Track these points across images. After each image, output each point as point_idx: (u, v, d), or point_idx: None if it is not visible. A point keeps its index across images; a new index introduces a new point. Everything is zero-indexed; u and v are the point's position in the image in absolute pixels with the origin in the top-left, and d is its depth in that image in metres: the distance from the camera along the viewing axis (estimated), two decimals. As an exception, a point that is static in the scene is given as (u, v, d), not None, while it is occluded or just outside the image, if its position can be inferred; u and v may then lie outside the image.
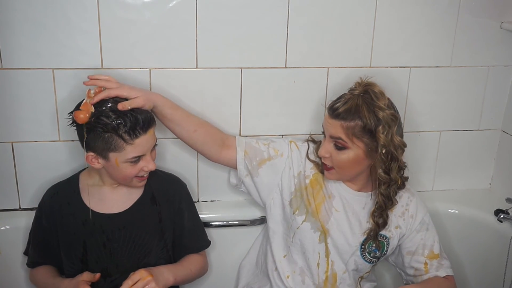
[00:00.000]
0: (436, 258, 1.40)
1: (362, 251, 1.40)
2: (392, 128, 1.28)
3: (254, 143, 1.45)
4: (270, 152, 1.44)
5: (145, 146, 1.27)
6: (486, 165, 1.84)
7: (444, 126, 1.75)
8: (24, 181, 1.54)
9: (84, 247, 1.34)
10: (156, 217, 1.39)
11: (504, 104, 1.77)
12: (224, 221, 1.60)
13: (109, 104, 1.23)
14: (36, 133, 1.49)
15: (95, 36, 1.43)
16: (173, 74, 1.51)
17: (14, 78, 1.43)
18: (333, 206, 1.40)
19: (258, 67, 1.55)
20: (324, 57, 1.57)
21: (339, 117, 1.28)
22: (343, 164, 1.32)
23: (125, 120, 1.22)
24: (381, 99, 1.29)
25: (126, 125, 1.22)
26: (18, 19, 1.38)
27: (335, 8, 1.53)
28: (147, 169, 1.30)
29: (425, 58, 1.65)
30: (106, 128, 1.21)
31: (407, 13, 1.58)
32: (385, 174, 1.31)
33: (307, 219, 1.41)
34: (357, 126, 1.27)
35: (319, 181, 1.42)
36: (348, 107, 1.28)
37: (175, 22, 1.46)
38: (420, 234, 1.41)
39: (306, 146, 1.47)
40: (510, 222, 1.63)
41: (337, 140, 1.30)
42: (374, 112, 1.27)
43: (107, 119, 1.21)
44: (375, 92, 1.30)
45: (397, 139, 1.30)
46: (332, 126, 1.30)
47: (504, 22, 1.65)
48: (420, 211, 1.43)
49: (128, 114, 1.23)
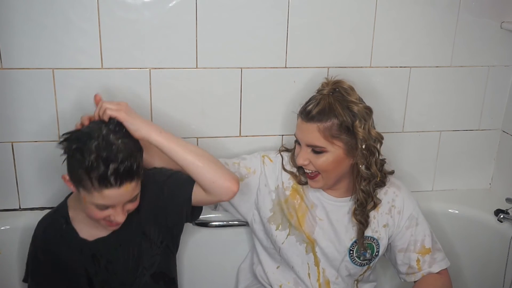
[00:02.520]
0: (428, 253, 1.38)
1: (351, 256, 1.38)
2: (368, 121, 1.27)
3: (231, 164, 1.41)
4: (241, 172, 1.40)
5: (116, 199, 1.14)
6: (486, 165, 1.84)
7: (444, 126, 1.75)
8: (24, 181, 1.54)
9: (88, 274, 1.29)
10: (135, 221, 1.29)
11: (504, 104, 1.77)
12: (224, 221, 1.59)
13: (99, 139, 1.11)
14: (36, 133, 1.49)
15: (95, 36, 1.43)
16: (173, 74, 1.51)
17: (14, 78, 1.43)
18: (316, 216, 1.38)
19: (258, 67, 1.55)
20: (324, 57, 1.57)
21: (314, 119, 1.24)
22: (326, 167, 1.28)
23: (98, 164, 1.08)
24: (352, 94, 1.28)
25: (99, 170, 1.08)
26: (18, 19, 1.38)
27: (335, 8, 1.53)
28: (114, 220, 1.18)
29: (425, 58, 1.65)
30: (79, 164, 1.10)
31: (407, 13, 1.58)
32: (366, 170, 1.29)
33: (291, 233, 1.39)
34: (334, 125, 1.24)
35: (299, 191, 1.40)
36: (321, 107, 1.25)
37: (175, 22, 1.46)
38: (410, 230, 1.38)
39: (280, 157, 1.43)
40: (510, 222, 1.63)
41: (314, 147, 1.27)
42: (348, 108, 1.25)
43: (82, 155, 1.09)
44: (345, 88, 1.29)
45: (374, 132, 1.28)
46: (307, 132, 1.26)
47: (504, 22, 1.65)
48: (408, 205, 1.40)
49: (105, 158, 1.09)
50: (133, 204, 1.20)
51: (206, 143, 1.60)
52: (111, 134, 1.14)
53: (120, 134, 1.16)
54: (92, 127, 1.17)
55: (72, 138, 1.15)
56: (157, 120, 1.53)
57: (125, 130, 1.18)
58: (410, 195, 1.42)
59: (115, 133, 1.15)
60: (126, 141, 1.15)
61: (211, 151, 1.59)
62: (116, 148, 1.11)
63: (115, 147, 1.11)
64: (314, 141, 1.26)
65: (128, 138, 1.17)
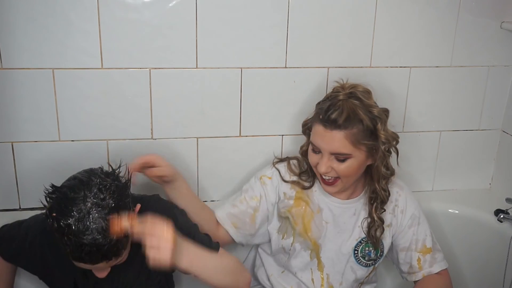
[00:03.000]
0: (429, 252, 1.39)
1: (355, 256, 1.39)
2: (386, 122, 1.28)
3: (233, 209, 1.40)
4: (251, 204, 1.39)
5: (92, 268, 1.05)
6: (486, 165, 1.84)
7: (444, 126, 1.75)
8: (24, 181, 1.54)
9: (76, 285, 1.23)
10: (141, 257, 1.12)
11: (504, 104, 1.77)
12: (224, 221, 1.59)
13: (80, 213, 0.97)
14: (36, 133, 1.49)
15: (95, 36, 1.43)
16: (173, 74, 1.51)
17: (14, 78, 1.43)
18: (323, 219, 1.38)
19: (258, 67, 1.55)
20: (324, 57, 1.57)
21: (341, 127, 1.22)
22: (349, 172, 1.27)
23: (71, 244, 0.97)
24: (369, 98, 1.28)
25: (71, 250, 0.98)
26: (18, 19, 1.38)
27: (335, 8, 1.53)
28: (96, 274, 1.09)
29: (425, 58, 1.65)
30: (56, 233, 1.00)
31: (407, 13, 1.58)
32: (385, 170, 1.30)
33: (295, 240, 1.39)
34: (359, 131, 1.23)
35: (304, 198, 1.39)
36: (346, 114, 1.22)
37: (175, 22, 1.46)
38: (412, 229, 1.39)
39: (276, 170, 1.41)
40: (510, 222, 1.63)
41: (339, 155, 1.24)
42: (370, 112, 1.25)
43: (58, 229, 0.98)
44: (362, 92, 1.28)
45: (391, 133, 1.29)
46: (332, 140, 1.23)
47: (504, 22, 1.65)
48: (410, 205, 1.41)
49: (79, 243, 0.96)
50: (116, 262, 1.08)
51: (206, 143, 1.60)
52: (94, 209, 0.99)
53: (107, 209, 1.00)
54: (77, 190, 1.01)
55: (54, 201, 1.03)
56: (157, 120, 1.54)
57: (117, 199, 1.02)
58: (412, 195, 1.44)
59: (101, 207, 1.00)
60: (112, 217, 1.01)
61: (211, 151, 1.61)
62: (95, 229, 0.98)
63: (95, 227, 0.98)
64: (340, 149, 1.23)
65: (117, 212, 1.02)
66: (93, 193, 1.00)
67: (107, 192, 1.01)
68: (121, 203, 1.03)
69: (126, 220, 1.02)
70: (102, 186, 1.02)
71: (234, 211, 1.40)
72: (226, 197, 1.65)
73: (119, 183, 1.05)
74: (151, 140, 1.56)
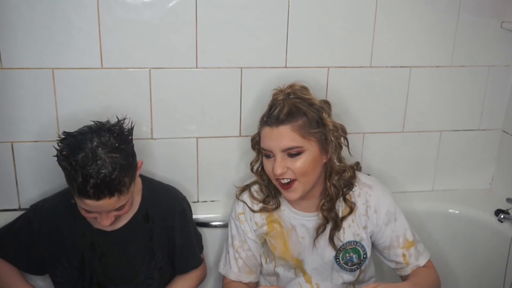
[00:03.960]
0: (412, 245, 1.37)
1: (338, 263, 1.38)
2: (330, 113, 1.30)
3: (239, 262, 1.41)
4: (245, 248, 1.41)
5: (96, 209, 1.17)
6: (487, 165, 1.84)
7: (444, 126, 1.75)
8: (24, 181, 1.54)
9: (83, 258, 1.32)
10: (147, 235, 1.35)
11: (505, 104, 1.77)
12: (224, 221, 1.59)
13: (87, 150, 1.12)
14: (36, 133, 1.49)
15: (95, 36, 1.43)
16: (173, 74, 1.51)
17: (14, 78, 1.43)
18: (298, 236, 1.38)
19: (258, 67, 1.55)
20: (324, 57, 1.57)
21: (285, 121, 1.23)
22: (305, 170, 1.25)
23: (78, 177, 1.11)
24: (308, 93, 1.31)
25: (78, 183, 1.11)
26: (18, 19, 1.38)
27: (335, 8, 1.53)
28: (100, 223, 1.21)
29: (425, 58, 1.65)
30: (64, 170, 1.14)
31: (407, 13, 1.58)
32: (339, 163, 1.30)
33: (277, 264, 1.40)
34: (305, 122, 1.24)
35: (275, 220, 1.39)
36: (288, 108, 1.24)
37: (175, 22, 1.46)
38: (390, 226, 1.37)
39: (243, 204, 1.40)
40: (511, 222, 1.63)
41: (291, 149, 1.24)
42: (311, 104, 1.27)
43: (67, 164, 1.12)
44: (300, 89, 1.31)
45: (338, 124, 1.30)
46: (280, 136, 1.23)
47: (505, 22, 1.65)
48: (383, 202, 1.37)
49: (86, 173, 1.10)
50: (120, 211, 1.21)
51: (206, 143, 1.60)
52: (100, 147, 1.13)
53: (110, 148, 1.14)
54: (85, 134, 1.16)
55: (65, 143, 1.16)
56: (157, 120, 1.54)
57: (119, 141, 1.17)
58: (384, 191, 1.40)
59: (105, 146, 1.14)
60: (116, 156, 1.14)
61: (211, 151, 1.61)
62: (101, 163, 1.11)
63: (100, 162, 1.11)
64: (290, 143, 1.23)
65: (119, 152, 1.15)
66: (99, 135, 1.15)
67: (111, 135, 1.16)
68: (123, 146, 1.17)
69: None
70: (107, 130, 1.17)
71: (240, 264, 1.41)
72: (226, 197, 1.66)
73: (122, 129, 1.21)
74: (151, 140, 1.56)
